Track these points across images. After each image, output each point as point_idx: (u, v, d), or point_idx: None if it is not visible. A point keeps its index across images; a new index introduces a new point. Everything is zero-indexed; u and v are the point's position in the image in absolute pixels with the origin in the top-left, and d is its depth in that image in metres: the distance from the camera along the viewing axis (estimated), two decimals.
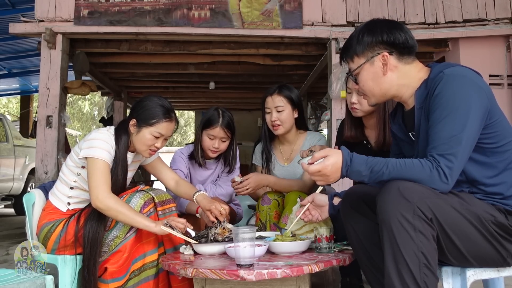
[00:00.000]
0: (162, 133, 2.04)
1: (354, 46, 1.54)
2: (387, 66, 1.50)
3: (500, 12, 4.13)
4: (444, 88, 1.38)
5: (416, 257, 1.26)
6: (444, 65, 1.49)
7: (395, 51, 1.50)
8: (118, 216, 1.90)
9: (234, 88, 6.76)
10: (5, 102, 19.16)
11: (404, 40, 1.50)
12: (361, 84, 1.58)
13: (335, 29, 4.05)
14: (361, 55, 1.53)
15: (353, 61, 1.56)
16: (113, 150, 2.01)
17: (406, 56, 1.52)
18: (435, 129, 1.38)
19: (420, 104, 1.48)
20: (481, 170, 1.42)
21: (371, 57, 1.51)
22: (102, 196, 1.89)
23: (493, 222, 1.35)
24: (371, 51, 1.51)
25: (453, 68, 1.43)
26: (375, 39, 1.50)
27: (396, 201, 1.28)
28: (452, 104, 1.36)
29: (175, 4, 3.96)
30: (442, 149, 1.34)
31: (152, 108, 2.04)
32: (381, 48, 1.50)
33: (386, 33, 1.49)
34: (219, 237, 1.88)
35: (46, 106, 3.87)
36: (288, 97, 2.45)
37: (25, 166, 7.33)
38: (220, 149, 2.52)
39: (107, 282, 1.90)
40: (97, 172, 1.92)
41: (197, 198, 2.15)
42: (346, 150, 1.44)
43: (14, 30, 3.94)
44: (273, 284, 1.65)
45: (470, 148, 1.36)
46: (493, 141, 1.41)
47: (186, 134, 23.65)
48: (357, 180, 1.47)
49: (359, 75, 1.56)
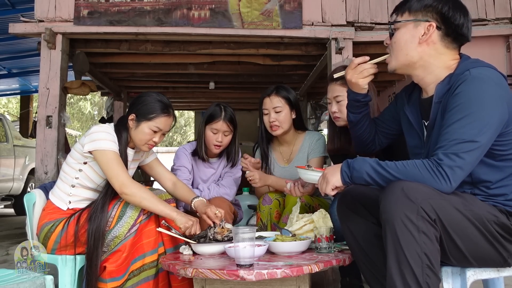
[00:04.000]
0: (160, 127, 2.08)
1: (412, 2, 1.49)
2: (427, 36, 1.45)
3: (500, 12, 4.12)
4: (465, 89, 1.35)
5: (419, 258, 1.25)
6: (472, 62, 1.44)
7: (443, 28, 1.45)
8: (142, 202, 1.95)
9: (234, 88, 6.75)
10: (5, 102, 19.16)
11: (460, 23, 1.45)
12: (393, 41, 1.52)
13: (335, 29, 4.04)
14: (412, 12, 1.48)
15: (402, 15, 1.51)
16: (116, 141, 2.04)
17: (451, 39, 1.46)
18: (448, 129, 1.35)
19: (439, 98, 1.44)
20: (488, 172, 1.41)
21: (419, 19, 1.46)
22: (127, 183, 1.94)
23: (495, 222, 1.35)
24: (423, 14, 1.46)
25: (480, 69, 1.38)
26: (435, 5, 1.45)
27: (400, 201, 1.28)
28: (469, 107, 1.32)
29: (175, 4, 3.96)
30: (450, 149, 1.32)
31: (151, 103, 2.08)
32: (433, 18, 1.45)
33: (449, 7, 1.44)
34: (218, 236, 1.89)
35: (46, 106, 3.86)
36: (286, 97, 2.45)
37: (25, 166, 7.33)
38: (223, 144, 2.53)
39: (106, 281, 1.90)
40: (112, 163, 1.96)
41: (195, 204, 2.18)
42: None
43: (14, 30, 3.93)
44: (273, 284, 1.65)
45: (479, 155, 1.34)
46: (504, 148, 1.39)
47: (186, 134, 23.64)
48: (360, 182, 1.46)
49: (398, 30, 1.51)
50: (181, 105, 8.79)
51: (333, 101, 2.19)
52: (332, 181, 1.48)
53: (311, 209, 2.25)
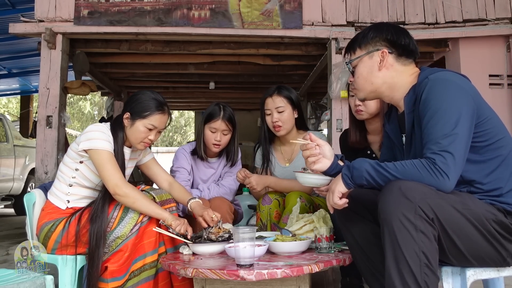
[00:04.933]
0: (155, 125, 2.08)
1: (359, 40, 1.62)
2: (384, 62, 1.56)
3: (500, 12, 4.12)
4: (430, 92, 1.43)
5: (417, 257, 1.26)
6: (430, 70, 1.53)
7: (395, 51, 1.56)
8: (136, 203, 1.96)
9: (234, 88, 6.76)
10: (5, 102, 19.17)
11: (406, 43, 1.56)
12: (356, 76, 1.64)
13: (335, 29, 4.05)
14: (363, 47, 1.61)
15: (354, 53, 1.64)
16: (112, 140, 2.04)
17: (404, 58, 1.57)
18: (427, 131, 1.40)
19: (410, 109, 1.52)
20: (476, 169, 1.43)
21: (371, 50, 1.58)
22: (120, 183, 1.95)
23: (494, 220, 1.36)
24: (373, 45, 1.58)
25: (437, 73, 1.47)
26: (380, 36, 1.57)
27: (398, 200, 1.29)
28: (439, 106, 1.39)
29: (175, 4, 3.96)
30: (434, 148, 1.35)
31: (145, 101, 2.08)
32: (382, 45, 1.57)
33: (391, 33, 1.56)
34: (212, 236, 1.89)
35: (46, 106, 3.86)
36: (288, 97, 2.46)
37: (25, 166, 7.33)
38: (222, 143, 2.53)
39: (107, 281, 1.90)
40: (106, 163, 1.96)
41: (191, 205, 2.18)
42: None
43: (14, 30, 3.94)
44: (273, 284, 1.65)
45: (465, 145, 1.37)
46: (484, 139, 1.43)
47: (186, 134, 23.65)
48: (360, 181, 1.46)
49: (356, 67, 1.63)
50: (181, 105, 8.80)
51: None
52: (336, 189, 1.48)
53: (311, 209, 2.25)
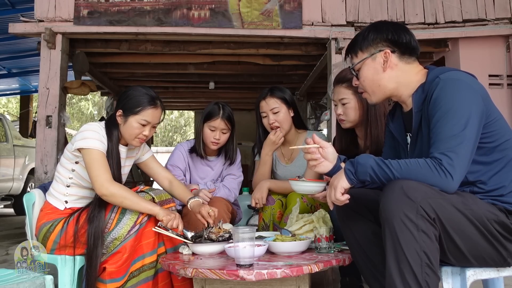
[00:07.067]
0: (148, 120, 2.06)
1: (359, 42, 1.60)
2: (388, 63, 1.54)
3: (500, 12, 4.12)
4: (441, 92, 1.42)
5: (418, 257, 1.26)
6: (440, 69, 1.53)
7: (397, 50, 1.55)
8: (124, 202, 1.94)
9: (234, 88, 6.76)
10: (5, 102, 19.16)
11: (408, 40, 1.55)
12: (361, 79, 1.61)
13: (335, 29, 4.04)
14: (365, 50, 1.58)
15: (357, 56, 1.61)
16: (105, 140, 2.02)
17: (407, 56, 1.56)
18: (436, 131, 1.39)
19: (418, 108, 1.51)
20: (482, 170, 1.43)
21: (373, 52, 1.56)
22: (107, 183, 1.92)
23: (495, 221, 1.36)
24: (374, 47, 1.56)
25: (448, 73, 1.47)
26: (380, 37, 1.56)
27: (400, 200, 1.29)
28: (450, 107, 1.38)
29: (174, 4, 3.96)
30: (442, 148, 1.35)
31: (136, 97, 2.07)
32: (384, 46, 1.55)
33: (391, 32, 1.55)
34: (212, 236, 1.89)
35: (45, 106, 3.86)
36: (281, 97, 2.47)
37: (25, 166, 7.32)
38: (221, 141, 2.54)
39: (105, 282, 1.89)
40: (95, 162, 1.94)
41: (191, 205, 2.18)
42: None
43: (14, 30, 3.93)
44: (272, 284, 1.65)
45: (472, 147, 1.37)
46: (491, 140, 1.43)
47: (186, 134, 23.66)
48: (364, 177, 1.44)
49: (360, 70, 1.61)
50: (181, 105, 8.80)
51: (339, 104, 2.18)
52: (339, 185, 1.45)
53: (312, 208, 2.25)
